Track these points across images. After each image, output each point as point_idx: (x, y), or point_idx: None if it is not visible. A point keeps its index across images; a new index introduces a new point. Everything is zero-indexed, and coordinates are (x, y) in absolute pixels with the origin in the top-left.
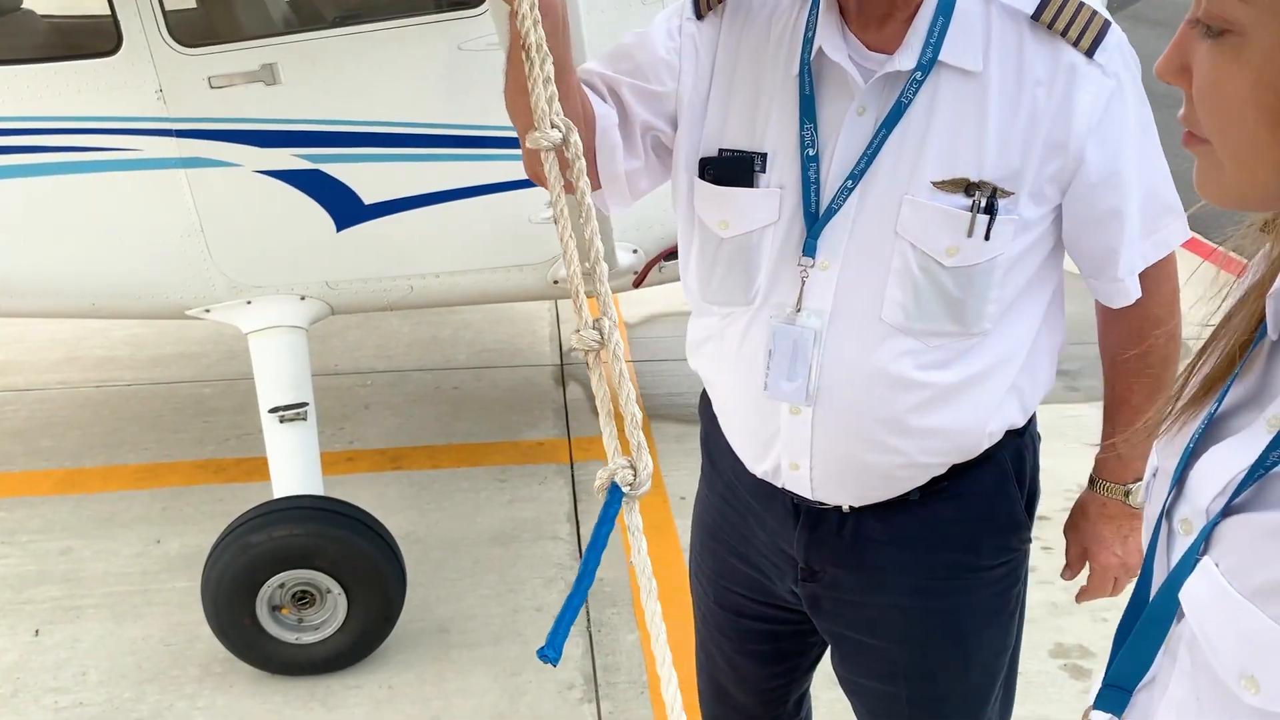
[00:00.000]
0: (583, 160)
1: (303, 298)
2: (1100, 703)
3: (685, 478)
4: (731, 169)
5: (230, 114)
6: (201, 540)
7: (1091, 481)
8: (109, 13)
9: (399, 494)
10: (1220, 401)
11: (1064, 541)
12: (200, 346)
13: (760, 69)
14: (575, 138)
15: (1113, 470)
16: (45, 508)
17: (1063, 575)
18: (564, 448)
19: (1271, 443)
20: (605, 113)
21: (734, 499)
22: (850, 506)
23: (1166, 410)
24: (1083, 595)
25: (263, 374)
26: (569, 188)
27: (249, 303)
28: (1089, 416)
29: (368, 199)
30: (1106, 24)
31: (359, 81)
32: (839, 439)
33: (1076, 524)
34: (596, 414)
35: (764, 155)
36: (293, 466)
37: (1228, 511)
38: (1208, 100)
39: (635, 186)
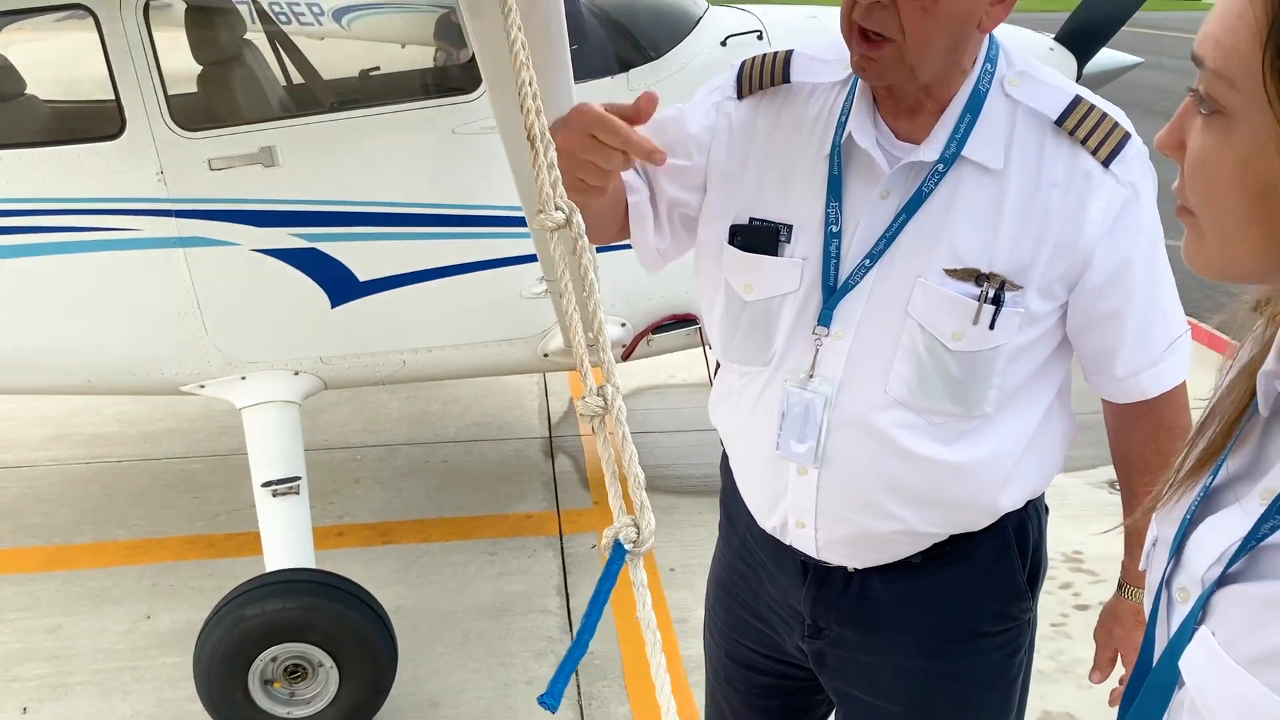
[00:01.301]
0: (585, 239)
1: (296, 373)
2: None
3: (674, 550)
4: (759, 237)
5: (229, 195)
6: (192, 615)
7: (1120, 586)
8: (113, 98)
9: (388, 568)
10: (1215, 474)
11: (1082, 632)
12: (191, 423)
13: (795, 145)
14: (578, 218)
15: (1140, 576)
16: (33, 585)
17: (1091, 678)
18: (553, 520)
19: (1264, 515)
20: (638, 187)
21: (748, 555)
22: (855, 567)
23: (1167, 482)
24: (1115, 699)
25: (256, 448)
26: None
27: (243, 378)
28: (1073, 487)
29: (362, 276)
30: (1126, 136)
31: (355, 163)
32: (842, 501)
33: (1110, 630)
34: (585, 486)
35: (790, 227)
36: (285, 540)
37: (1223, 581)
38: (1196, 175)
39: (664, 256)
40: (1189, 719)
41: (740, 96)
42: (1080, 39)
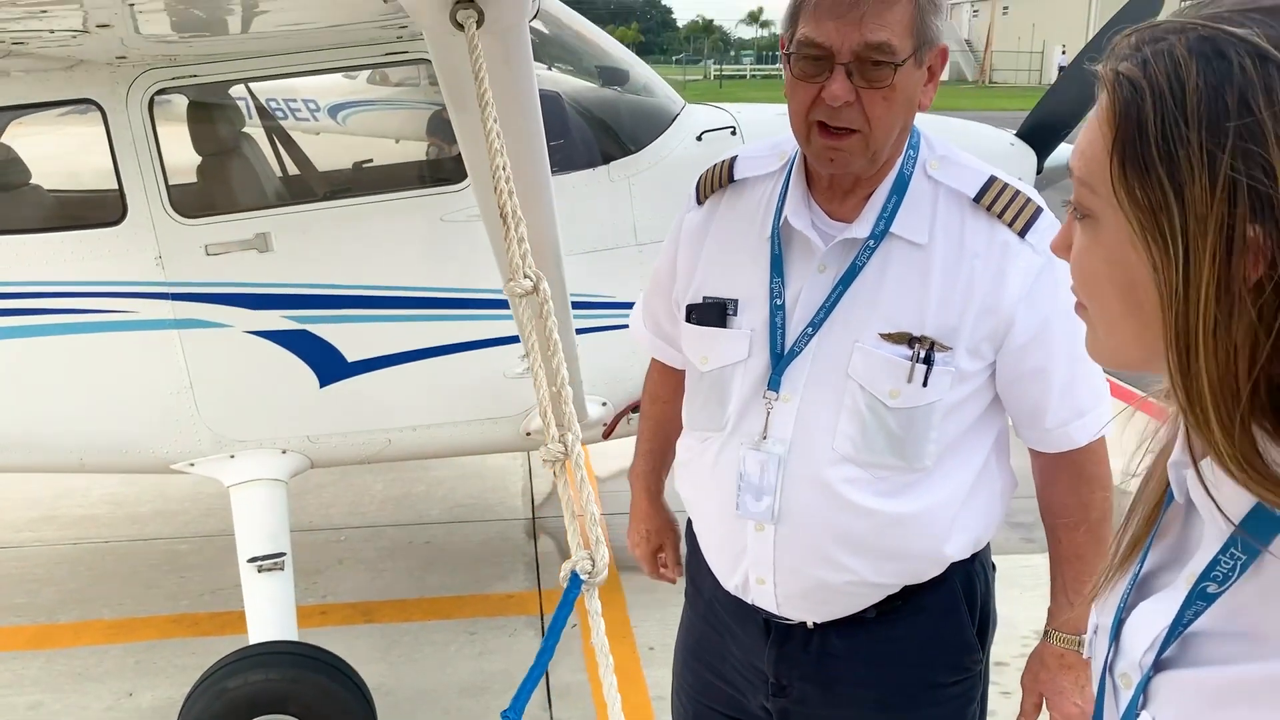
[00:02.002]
0: (551, 304)
1: (284, 451)
2: None
3: (654, 629)
4: (708, 312)
5: (224, 278)
6: (174, 693)
7: (1046, 633)
8: (116, 187)
9: (370, 646)
10: (1144, 560)
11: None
12: (179, 504)
13: (742, 230)
14: (545, 285)
15: (1066, 622)
16: (16, 663)
17: None
18: (534, 599)
19: (1185, 600)
20: (658, 346)
21: (713, 618)
22: (815, 623)
23: (1103, 572)
24: None
25: (242, 525)
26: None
27: (232, 457)
28: (1044, 566)
29: (350, 356)
30: (1039, 209)
31: (346, 249)
32: (798, 555)
33: (1035, 674)
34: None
35: (736, 301)
36: (269, 614)
37: (1158, 666)
38: (1076, 274)
39: None
40: None
41: (700, 202)
42: (1040, 134)
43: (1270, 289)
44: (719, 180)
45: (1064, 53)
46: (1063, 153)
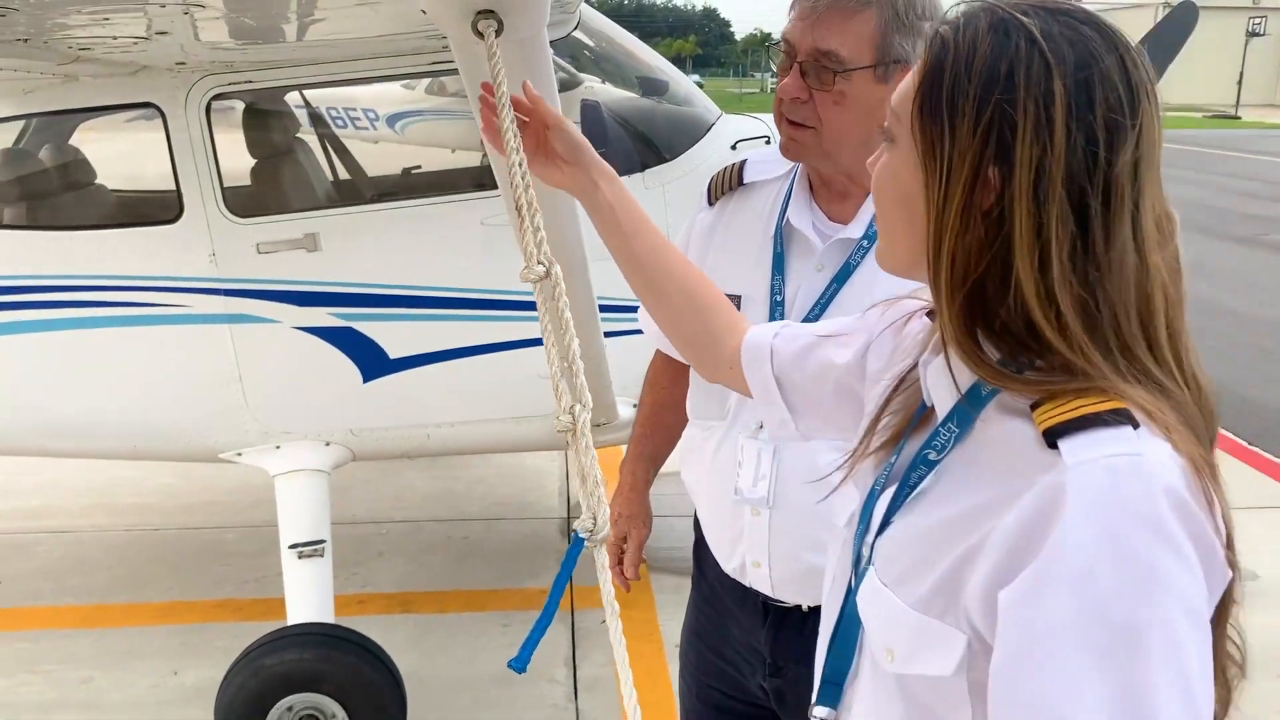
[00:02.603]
0: (563, 285)
1: (328, 444)
2: (820, 699)
3: (680, 628)
4: None
5: (274, 276)
6: (216, 673)
7: None
8: (174, 188)
9: (406, 635)
10: (898, 454)
11: None
12: (227, 495)
13: (748, 230)
14: (557, 269)
15: None
16: (68, 640)
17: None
18: (565, 595)
19: (910, 465)
20: (661, 338)
21: (715, 601)
22: (808, 606)
23: (855, 455)
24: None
25: (285, 513)
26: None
27: (278, 447)
28: None
29: (393, 354)
30: None
31: (391, 250)
32: (790, 540)
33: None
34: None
35: (739, 297)
36: (307, 597)
37: (884, 529)
38: (873, 185)
39: None
40: (868, 646)
41: (711, 203)
42: None
43: (995, 216)
44: (729, 183)
45: None
46: None
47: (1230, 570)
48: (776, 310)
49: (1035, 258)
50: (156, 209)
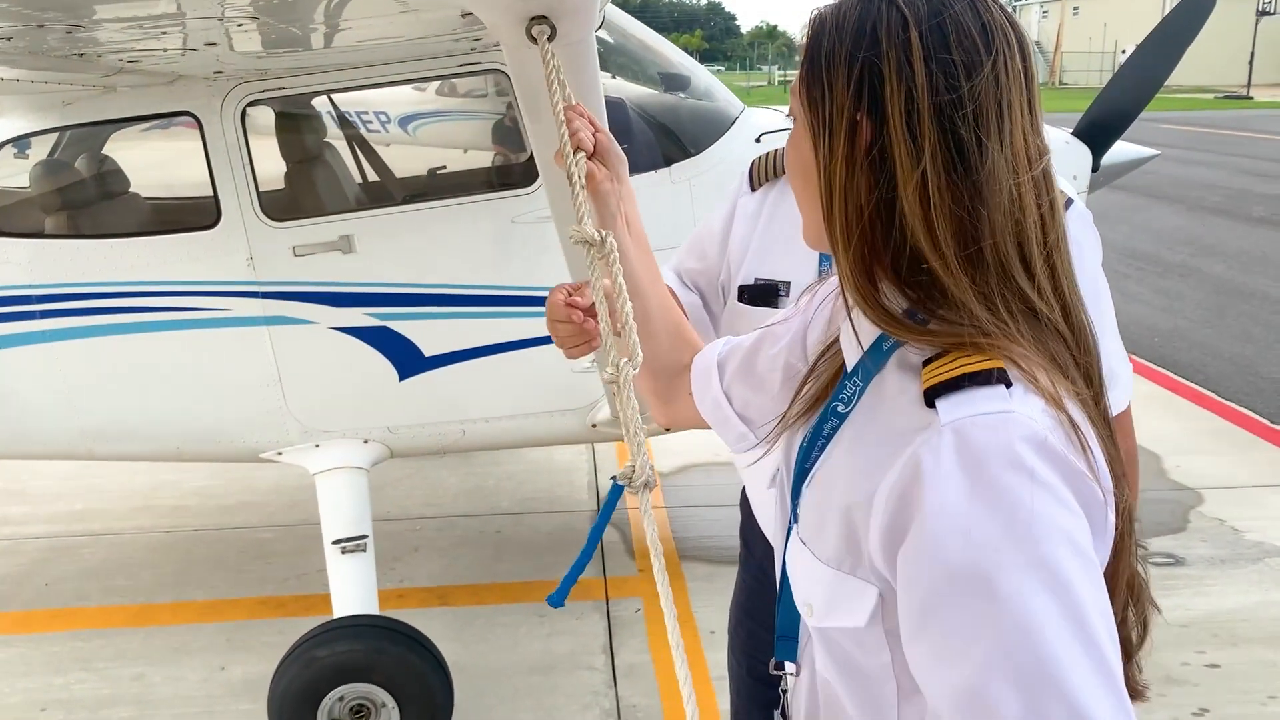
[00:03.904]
0: (616, 253)
1: (366, 441)
2: (778, 653)
3: (715, 614)
4: (762, 293)
5: (310, 278)
6: (263, 667)
7: None
8: (210, 193)
9: (444, 627)
10: (824, 416)
11: None
12: (264, 496)
13: (794, 218)
14: (612, 240)
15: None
16: (119, 639)
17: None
18: (600, 586)
19: (821, 416)
20: (691, 301)
21: (765, 578)
22: None
23: (784, 419)
24: None
25: (327, 510)
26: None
27: (317, 446)
28: None
29: (428, 352)
30: (1069, 200)
31: (424, 250)
32: None
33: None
34: (631, 555)
35: (788, 283)
36: (353, 591)
37: (805, 480)
38: (785, 163)
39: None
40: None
41: (753, 189)
42: (1096, 133)
43: (876, 157)
44: (771, 171)
45: (1124, 52)
46: (1120, 151)
47: (1112, 505)
48: None
49: (917, 185)
50: (194, 215)
